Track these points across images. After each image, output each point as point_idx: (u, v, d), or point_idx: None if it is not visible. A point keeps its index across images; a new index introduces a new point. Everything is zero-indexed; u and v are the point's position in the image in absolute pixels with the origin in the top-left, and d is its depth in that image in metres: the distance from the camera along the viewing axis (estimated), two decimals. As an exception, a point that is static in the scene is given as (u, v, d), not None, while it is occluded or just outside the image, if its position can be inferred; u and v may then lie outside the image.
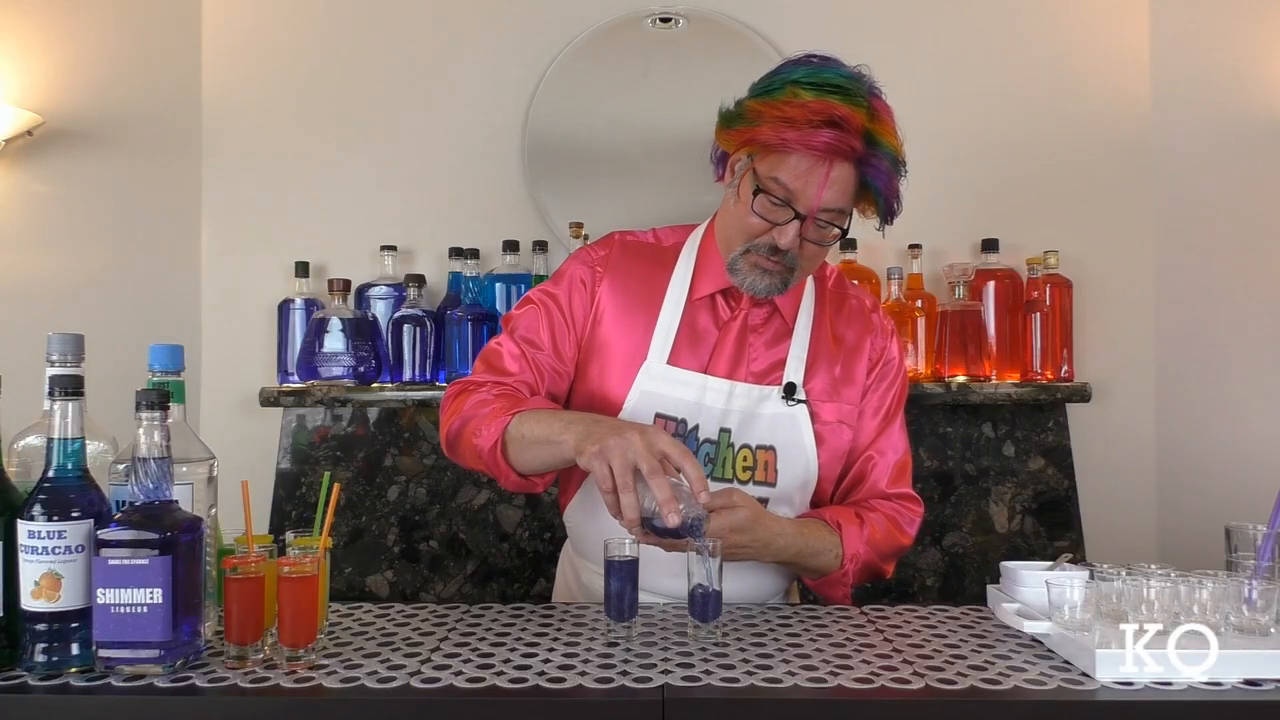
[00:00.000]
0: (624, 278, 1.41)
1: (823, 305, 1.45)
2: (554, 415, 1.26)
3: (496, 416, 1.27)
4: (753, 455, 1.36)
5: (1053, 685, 0.97)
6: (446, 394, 1.39)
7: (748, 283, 1.32)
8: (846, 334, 1.44)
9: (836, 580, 1.37)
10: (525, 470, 1.28)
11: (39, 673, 0.98)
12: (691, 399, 1.34)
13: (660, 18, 2.51)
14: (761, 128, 1.23)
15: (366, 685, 0.97)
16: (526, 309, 1.41)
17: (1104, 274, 2.50)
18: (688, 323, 1.38)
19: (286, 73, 2.56)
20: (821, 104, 1.21)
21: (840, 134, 1.20)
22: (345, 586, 2.34)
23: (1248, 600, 1.08)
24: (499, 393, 1.33)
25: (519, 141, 2.53)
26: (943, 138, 2.50)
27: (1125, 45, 2.52)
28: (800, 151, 1.23)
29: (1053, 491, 2.39)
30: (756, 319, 1.40)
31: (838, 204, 1.26)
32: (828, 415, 1.39)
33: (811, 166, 1.24)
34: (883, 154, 1.25)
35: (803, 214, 1.25)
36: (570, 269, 1.43)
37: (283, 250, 2.51)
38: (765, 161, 1.26)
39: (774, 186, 1.26)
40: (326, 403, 2.34)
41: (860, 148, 1.23)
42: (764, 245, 1.29)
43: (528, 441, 1.24)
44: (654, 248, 1.45)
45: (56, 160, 2.29)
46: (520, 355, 1.37)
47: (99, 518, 1.01)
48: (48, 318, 2.06)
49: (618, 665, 1.03)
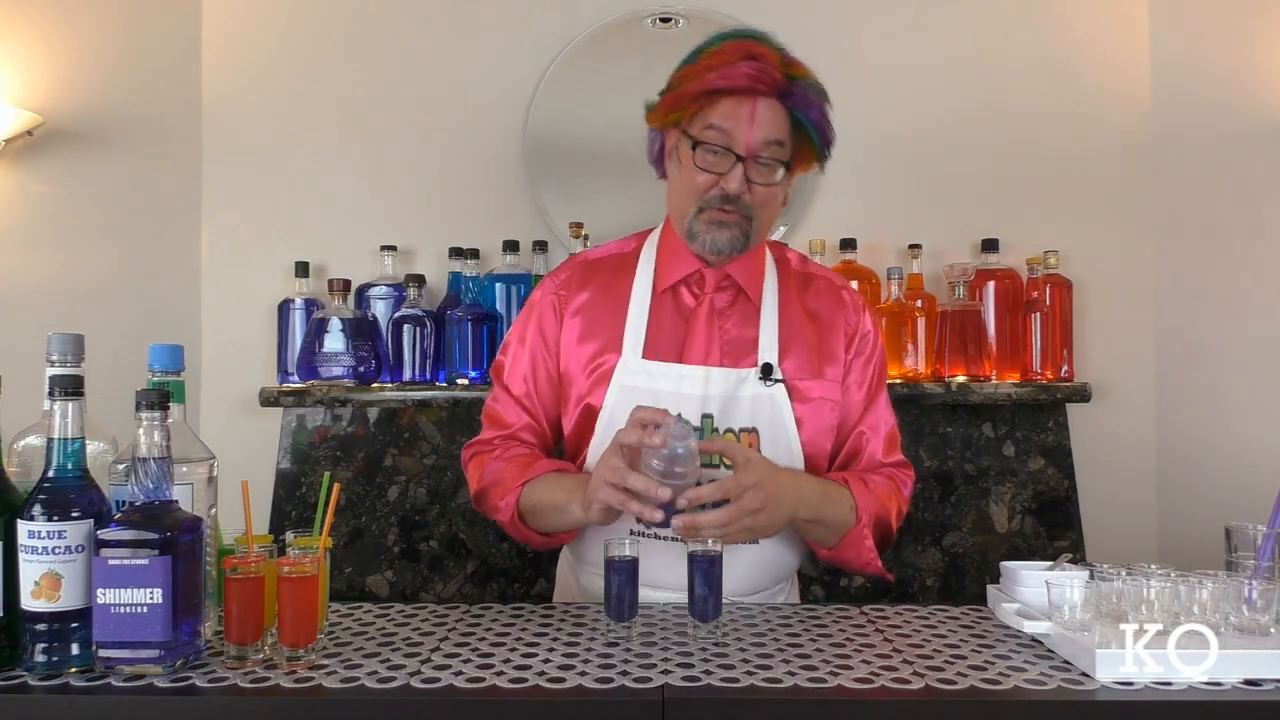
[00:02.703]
0: (588, 292, 1.45)
1: (788, 284, 1.46)
2: (558, 482, 1.35)
3: (508, 490, 1.37)
4: (737, 438, 1.36)
5: (1053, 685, 0.97)
6: (462, 458, 1.50)
7: (709, 241, 1.36)
8: (819, 310, 1.45)
9: (854, 540, 1.36)
10: (549, 532, 1.38)
11: (39, 673, 0.98)
12: (669, 389, 1.36)
13: (660, 18, 2.51)
14: (685, 86, 1.31)
15: (366, 685, 0.97)
16: (509, 353, 1.49)
17: (1104, 274, 2.50)
18: (656, 316, 1.41)
19: (286, 73, 2.56)
20: (736, 44, 1.31)
21: (759, 65, 1.29)
22: (345, 586, 2.34)
23: (1248, 600, 1.08)
24: (507, 455, 1.42)
25: (519, 141, 2.53)
26: (943, 138, 2.51)
27: (1125, 45, 2.52)
28: (724, 90, 1.29)
29: (1053, 491, 2.39)
30: (722, 302, 1.42)
31: (773, 136, 1.32)
32: (810, 392, 1.40)
33: (739, 105, 1.30)
34: (804, 84, 1.33)
35: (741, 154, 1.31)
36: (537, 298, 1.49)
37: (283, 250, 2.51)
38: (695, 121, 1.33)
39: (709, 134, 1.31)
40: (326, 403, 2.34)
41: (781, 79, 1.30)
42: (715, 198, 1.34)
43: (541, 509, 1.35)
44: (615, 257, 1.49)
45: (56, 160, 2.28)
46: (515, 403, 1.46)
47: (99, 518, 1.01)
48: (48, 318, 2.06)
49: (618, 665, 1.03)
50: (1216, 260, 2.45)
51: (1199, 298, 2.46)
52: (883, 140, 2.51)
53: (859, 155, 2.52)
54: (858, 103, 2.52)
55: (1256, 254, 2.41)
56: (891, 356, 2.35)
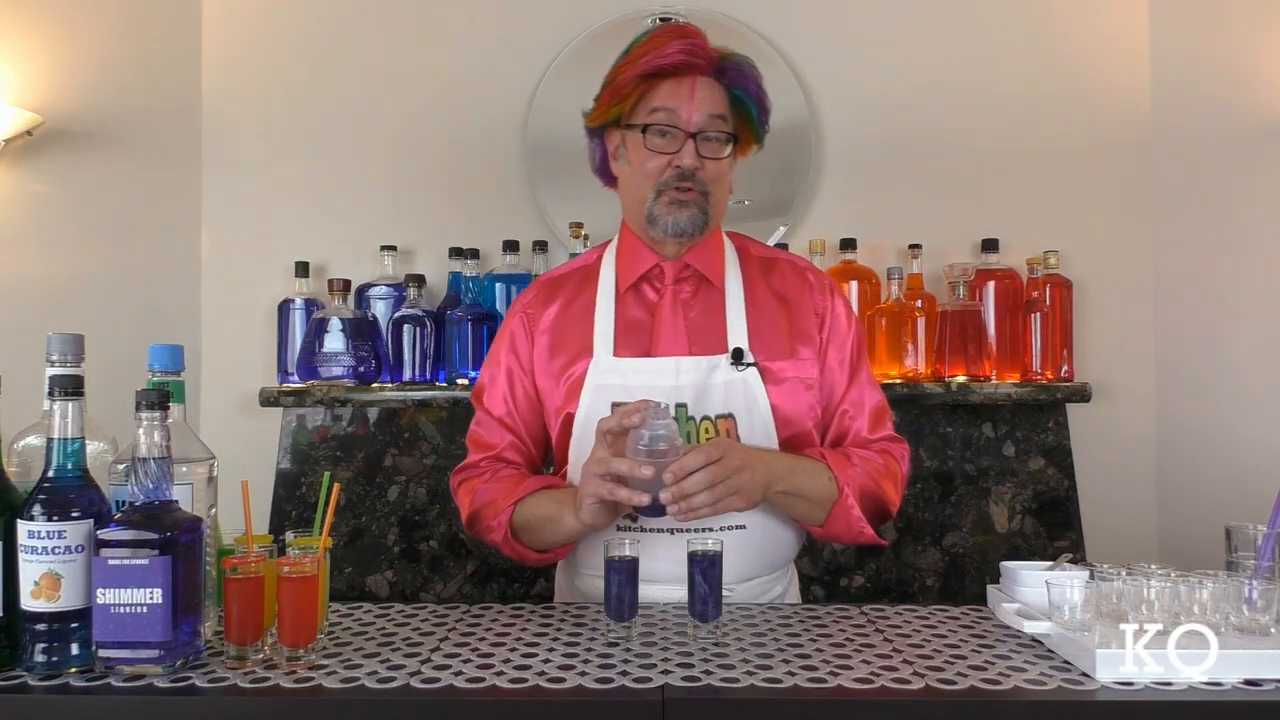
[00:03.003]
0: (554, 307, 1.47)
1: (750, 269, 1.47)
2: (549, 495, 1.36)
3: (500, 509, 1.38)
4: (714, 426, 1.37)
5: (1053, 685, 0.97)
6: (451, 483, 1.52)
7: (670, 224, 1.37)
8: (785, 291, 1.46)
9: (841, 512, 1.35)
10: (544, 548, 1.39)
11: (39, 673, 0.98)
12: (641, 384, 1.37)
13: (660, 18, 2.51)
14: (622, 75, 1.35)
15: (366, 685, 0.97)
16: (486, 375, 1.51)
17: (1104, 274, 2.50)
18: (622, 316, 1.42)
19: (287, 73, 2.56)
20: (663, 28, 1.38)
21: (691, 42, 1.34)
22: (345, 586, 2.34)
23: (1248, 600, 1.08)
24: (497, 476, 1.44)
25: (519, 141, 2.53)
26: (943, 138, 2.51)
27: (1125, 45, 2.52)
28: (662, 71, 1.33)
29: (1053, 491, 2.39)
30: (685, 292, 1.43)
31: (716, 111, 1.35)
32: (783, 373, 1.40)
33: (678, 85, 1.35)
34: (736, 60, 1.38)
35: (690, 130, 1.34)
36: (508, 321, 1.51)
37: (283, 250, 2.51)
38: (638, 110, 1.37)
39: (655, 116, 1.35)
40: (326, 403, 2.34)
41: (714, 55, 1.36)
42: (671, 178, 1.36)
43: (534, 524, 1.36)
44: (577, 270, 1.51)
45: (56, 160, 2.28)
46: (498, 424, 1.48)
47: (99, 518, 1.01)
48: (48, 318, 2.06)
49: (618, 665, 1.03)
50: (1216, 260, 2.45)
51: (1199, 298, 2.46)
52: (883, 140, 2.51)
53: (859, 155, 2.52)
54: (858, 102, 2.53)
55: (1257, 254, 2.41)
56: (891, 356, 2.35)
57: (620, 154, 1.42)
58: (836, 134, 2.53)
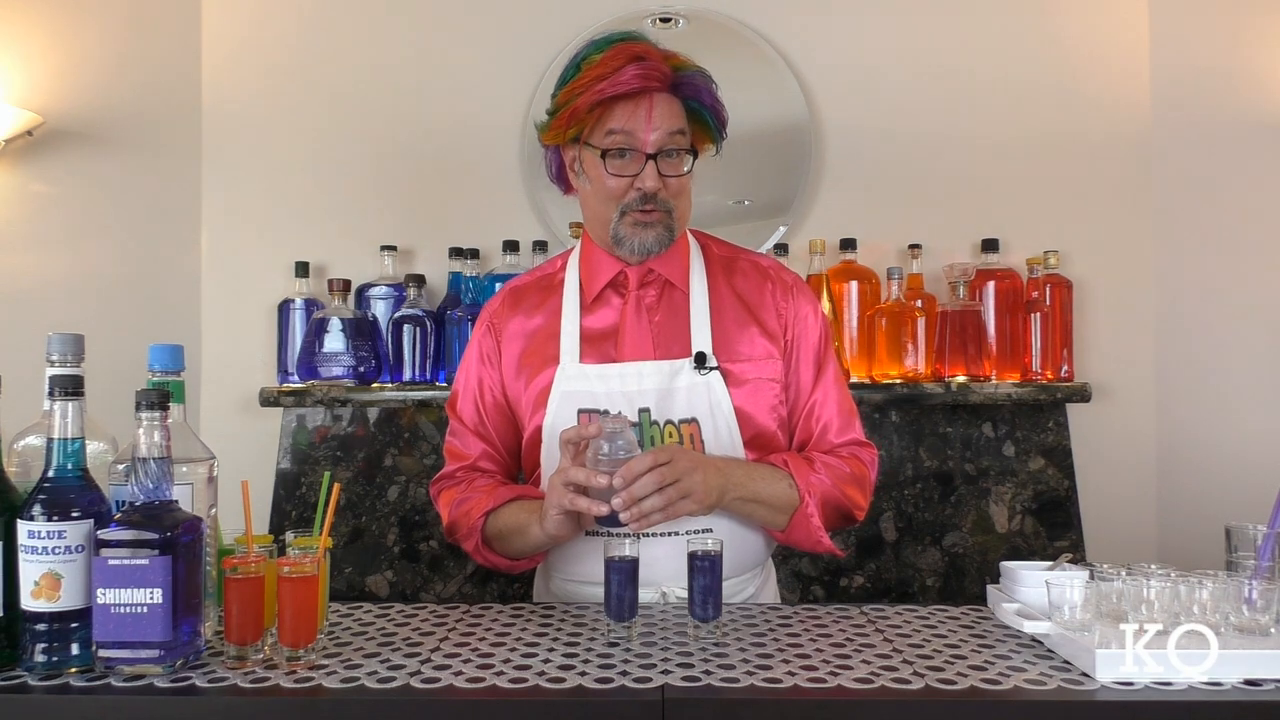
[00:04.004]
0: (520, 316, 1.47)
1: (714, 270, 1.47)
2: (521, 506, 1.37)
3: (474, 519, 1.39)
4: (677, 430, 1.37)
5: (1053, 685, 0.97)
6: (430, 492, 1.53)
7: (636, 244, 1.37)
8: (745, 291, 1.45)
9: (803, 520, 1.35)
10: (516, 557, 1.41)
11: (39, 673, 0.98)
12: (605, 390, 1.37)
13: (660, 18, 2.51)
14: (577, 100, 1.32)
15: (366, 685, 0.97)
16: (459, 385, 1.52)
17: (1104, 274, 2.50)
18: (588, 323, 1.43)
19: (286, 73, 2.56)
20: (616, 49, 1.32)
21: (645, 65, 1.31)
22: (345, 586, 2.34)
23: (1248, 600, 1.08)
24: (472, 486, 1.45)
25: (519, 141, 2.53)
26: (942, 138, 2.51)
27: (1125, 45, 2.52)
28: (619, 94, 1.31)
29: (1053, 491, 2.39)
30: (649, 298, 1.43)
31: (674, 127, 1.34)
32: (745, 374, 1.39)
33: (635, 106, 1.32)
34: (690, 72, 1.36)
35: (648, 151, 1.33)
36: (476, 329, 1.52)
37: (283, 250, 2.51)
38: (595, 131, 1.34)
39: (612, 139, 1.33)
40: (326, 403, 2.34)
41: (668, 72, 1.33)
42: (634, 200, 1.35)
43: (505, 534, 1.38)
44: (542, 278, 1.51)
45: (56, 160, 2.28)
46: (471, 433, 1.49)
47: (99, 518, 1.01)
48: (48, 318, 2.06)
49: (618, 665, 1.03)
50: (1216, 260, 2.45)
51: (1199, 298, 2.47)
52: (883, 140, 2.51)
53: (859, 155, 2.52)
54: (859, 103, 2.53)
55: (1256, 254, 2.41)
56: (891, 356, 2.35)
57: (579, 169, 1.41)
58: (836, 134, 2.53)
